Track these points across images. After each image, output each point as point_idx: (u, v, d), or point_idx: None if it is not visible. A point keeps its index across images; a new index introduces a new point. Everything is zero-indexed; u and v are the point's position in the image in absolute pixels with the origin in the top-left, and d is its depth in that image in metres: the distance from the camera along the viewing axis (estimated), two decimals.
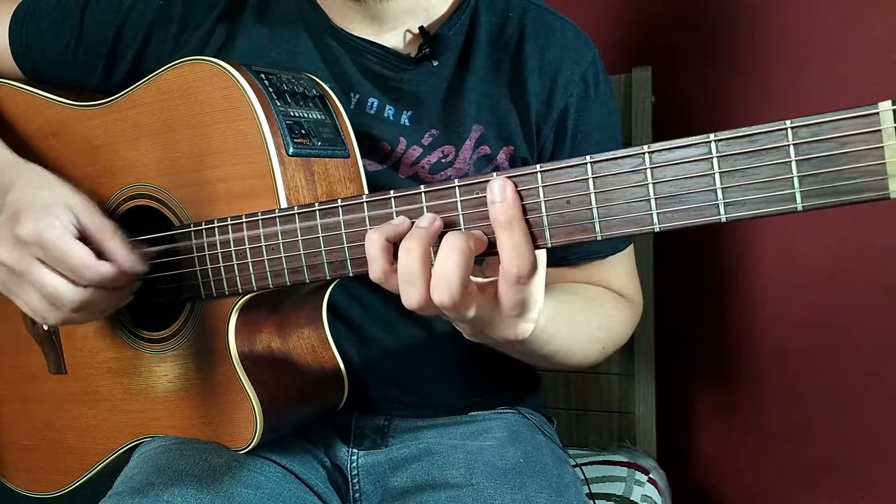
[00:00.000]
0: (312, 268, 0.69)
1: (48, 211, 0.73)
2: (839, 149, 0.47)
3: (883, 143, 0.46)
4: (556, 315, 0.75)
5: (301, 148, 0.75)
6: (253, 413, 0.75)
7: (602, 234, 0.56)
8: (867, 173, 0.47)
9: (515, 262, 0.56)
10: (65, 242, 0.72)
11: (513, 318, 0.60)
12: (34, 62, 0.94)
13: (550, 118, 0.88)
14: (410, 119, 0.87)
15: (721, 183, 0.51)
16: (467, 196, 0.60)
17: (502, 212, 0.56)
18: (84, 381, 0.88)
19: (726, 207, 0.51)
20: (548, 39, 0.89)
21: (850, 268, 1.22)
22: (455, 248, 0.56)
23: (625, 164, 0.54)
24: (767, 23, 1.23)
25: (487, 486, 0.81)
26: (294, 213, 0.68)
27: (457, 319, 0.60)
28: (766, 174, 0.50)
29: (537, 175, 0.57)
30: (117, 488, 0.79)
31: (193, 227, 0.76)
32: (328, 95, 0.82)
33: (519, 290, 0.58)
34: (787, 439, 1.31)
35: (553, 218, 0.57)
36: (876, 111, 0.46)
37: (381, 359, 0.90)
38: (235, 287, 0.74)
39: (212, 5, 0.89)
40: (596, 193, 0.55)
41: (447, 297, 0.56)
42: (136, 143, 0.81)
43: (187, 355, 0.79)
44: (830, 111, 0.48)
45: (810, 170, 0.48)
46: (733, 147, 0.51)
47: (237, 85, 0.74)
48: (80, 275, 0.72)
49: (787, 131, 0.49)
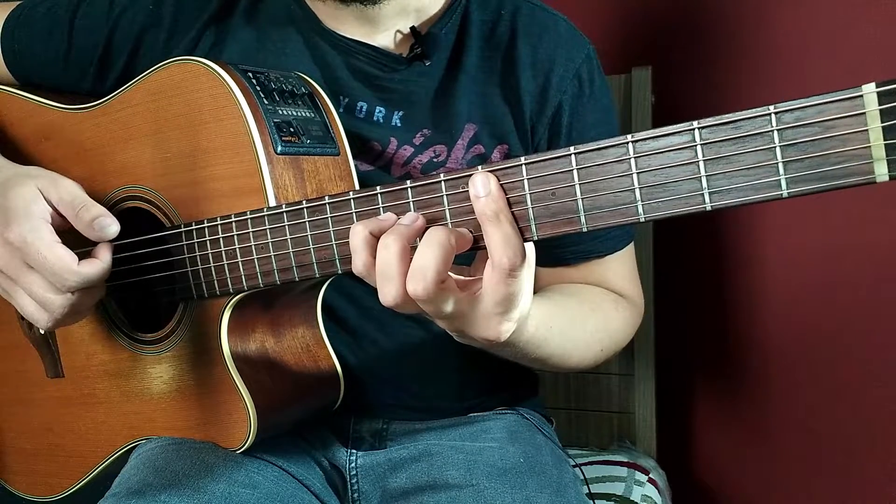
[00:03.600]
0: (302, 266, 0.68)
1: (29, 212, 0.73)
2: (823, 133, 0.47)
3: (867, 126, 0.45)
4: (548, 318, 0.74)
5: (289, 146, 0.74)
6: (247, 413, 0.75)
7: (588, 225, 0.55)
8: (852, 157, 0.46)
9: (507, 253, 0.55)
10: (45, 246, 0.72)
11: (496, 317, 0.59)
12: (26, 68, 0.95)
13: (545, 116, 0.87)
14: (402, 119, 0.87)
15: (706, 171, 0.50)
16: (453, 190, 0.59)
17: (488, 206, 0.56)
18: (81, 384, 0.88)
19: (711, 196, 0.50)
20: (541, 36, 0.88)
21: (851, 267, 1.21)
22: (434, 241, 0.56)
23: (609, 154, 0.53)
24: (767, 23, 1.23)
25: (488, 487, 0.81)
26: (282, 212, 0.68)
27: (435, 315, 0.59)
28: (750, 161, 0.49)
29: (522, 167, 0.56)
30: (114, 490, 0.79)
31: (184, 227, 0.76)
32: (318, 93, 0.82)
33: (508, 283, 0.57)
34: (787, 439, 1.30)
35: (539, 210, 0.56)
36: (860, 94, 0.45)
37: (378, 361, 0.90)
38: (226, 287, 0.73)
39: (201, 10, 0.89)
40: (581, 184, 0.55)
41: (421, 288, 0.55)
42: (126, 144, 0.81)
43: (181, 356, 0.79)
44: (815, 94, 0.47)
45: (795, 155, 0.47)
46: (717, 134, 0.50)
47: (224, 84, 0.73)
48: (63, 281, 0.72)
49: (771, 116, 0.48)
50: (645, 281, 1.18)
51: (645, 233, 1.22)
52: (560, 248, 0.90)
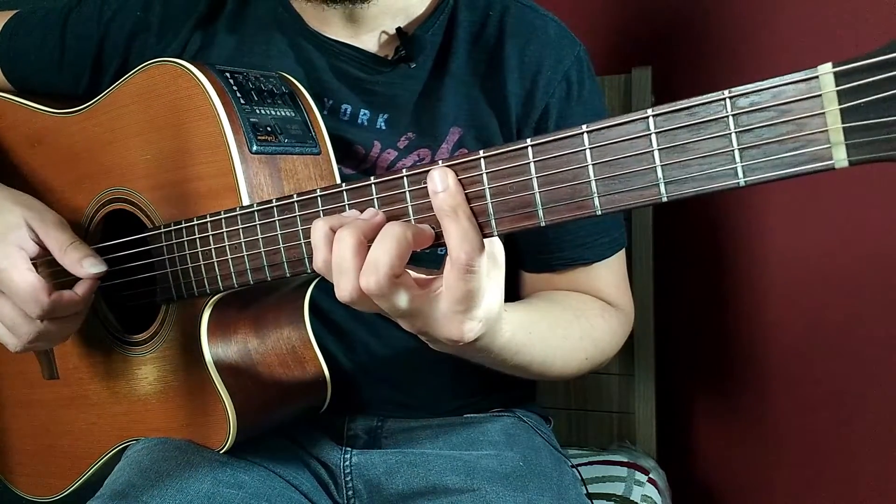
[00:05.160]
0: (273, 266, 0.68)
1: (6, 239, 0.75)
2: (780, 118, 0.44)
3: (824, 108, 0.43)
4: (527, 323, 0.72)
5: (265, 145, 0.74)
6: (226, 415, 0.75)
7: (546, 219, 0.53)
8: (809, 143, 0.43)
9: (464, 248, 0.54)
10: (17, 273, 0.74)
11: (457, 315, 0.57)
12: (23, 75, 0.96)
13: (531, 119, 0.85)
14: (386, 122, 0.86)
15: (661, 160, 0.48)
16: (415, 186, 0.58)
17: (445, 201, 0.55)
18: (76, 385, 0.89)
19: (667, 186, 0.48)
20: (529, 38, 0.86)
21: (850, 267, 1.20)
22: (389, 234, 0.54)
23: (565, 145, 0.52)
24: (767, 22, 1.21)
25: (489, 491, 0.79)
26: (254, 211, 0.68)
27: (391, 312, 0.58)
28: (706, 148, 0.47)
29: (481, 161, 0.55)
30: (101, 491, 0.79)
31: (163, 229, 0.76)
32: (299, 92, 0.81)
33: (467, 280, 0.55)
34: (787, 438, 1.29)
35: (497, 205, 0.55)
36: (815, 75, 0.43)
37: (370, 361, 0.89)
38: (203, 287, 0.73)
39: (188, 13, 0.89)
40: (538, 177, 0.53)
41: (373, 282, 0.54)
42: (111, 147, 0.82)
43: (164, 357, 0.79)
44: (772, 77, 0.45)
45: (751, 142, 0.45)
46: (672, 122, 0.48)
47: (199, 84, 0.73)
48: (31, 308, 0.74)
49: (726, 101, 0.46)
50: (644, 281, 1.18)
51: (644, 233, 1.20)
52: (546, 255, 0.88)
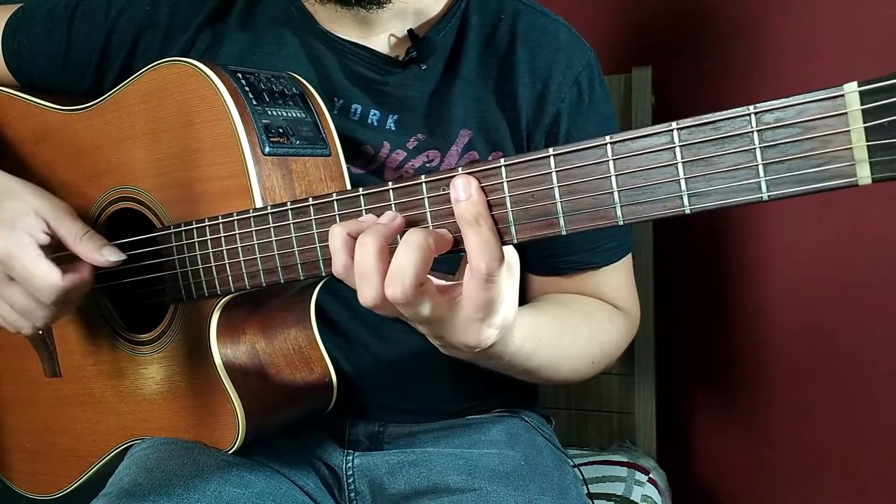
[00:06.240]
0: (286, 268, 0.68)
1: (15, 225, 0.75)
2: (804, 134, 0.45)
3: (849, 126, 0.43)
4: (537, 328, 0.73)
5: (278, 147, 0.74)
6: (236, 415, 0.75)
7: (567, 228, 0.54)
8: (834, 159, 0.44)
9: (484, 258, 0.54)
10: (29, 260, 0.74)
11: (476, 322, 0.58)
12: (27, 69, 0.95)
13: (542, 124, 0.86)
14: (396, 123, 0.86)
15: (684, 173, 0.49)
16: (434, 192, 0.58)
17: (468, 210, 0.55)
18: (78, 384, 0.88)
19: (690, 199, 0.49)
20: (540, 42, 0.86)
21: (851, 268, 1.20)
22: (412, 243, 0.55)
23: (588, 155, 0.52)
24: (768, 22, 1.21)
25: (490, 490, 0.80)
26: (267, 213, 0.68)
27: (413, 319, 0.58)
28: (730, 162, 0.47)
29: (502, 169, 0.55)
30: (106, 490, 0.79)
31: (173, 229, 0.76)
32: (309, 93, 0.81)
33: (487, 288, 0.56)
34: (787, 439, 1.30)
35: (518, 213, 0.55)
36: (841, 93, 0.43)
37: (372, 365, 0.89)
38: (214, 288, 0.73)
39: (197, 11, 0.89)
40: (560, 187, 0.53)
41: (399, 291, 0.54)
42: (119, 145, 0.81)
43: (172, 357, 0.79)
44: (797, 94, 0.45)
45: (775, 157, 0.46)
46: (696, 135, 0.48)
47: (212, 85, 0.73)
48: (45, 294, 0.75)
49: (751, 117, 0.46)
50: (645, 281, 1.19)
51: (645, 234, 1.21)
52: (554, 258, 0.89)
